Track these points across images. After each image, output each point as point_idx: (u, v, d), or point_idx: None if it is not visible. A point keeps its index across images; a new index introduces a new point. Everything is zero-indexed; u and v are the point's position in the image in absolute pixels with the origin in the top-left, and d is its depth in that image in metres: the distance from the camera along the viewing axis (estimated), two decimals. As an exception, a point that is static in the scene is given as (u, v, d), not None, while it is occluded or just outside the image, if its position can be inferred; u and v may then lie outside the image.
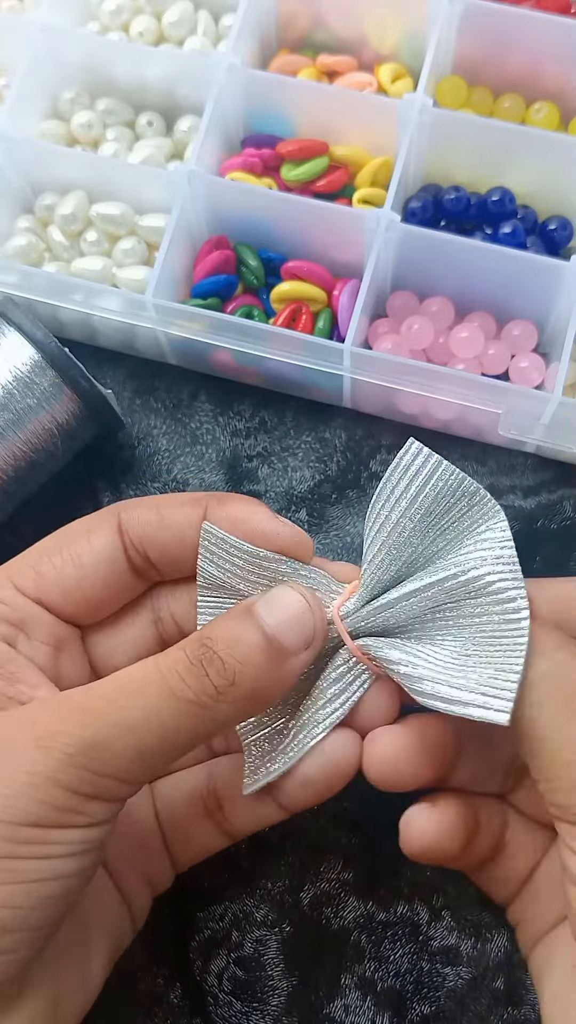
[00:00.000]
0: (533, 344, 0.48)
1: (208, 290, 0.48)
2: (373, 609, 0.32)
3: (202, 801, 0.35)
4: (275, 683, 0.30)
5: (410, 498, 0.32)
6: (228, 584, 0.33)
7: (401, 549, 0.32)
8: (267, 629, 0.29)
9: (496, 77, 0.51)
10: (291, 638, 0.30)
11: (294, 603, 0.30)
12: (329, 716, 0.33)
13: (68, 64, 0.51)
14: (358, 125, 0.49)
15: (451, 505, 0.32)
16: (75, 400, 0.43)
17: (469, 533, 0.32)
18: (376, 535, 0.32)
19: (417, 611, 0.32)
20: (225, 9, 0.53)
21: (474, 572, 0.31)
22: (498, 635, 0.30)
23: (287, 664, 0.30)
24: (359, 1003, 0.40)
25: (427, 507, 0.32)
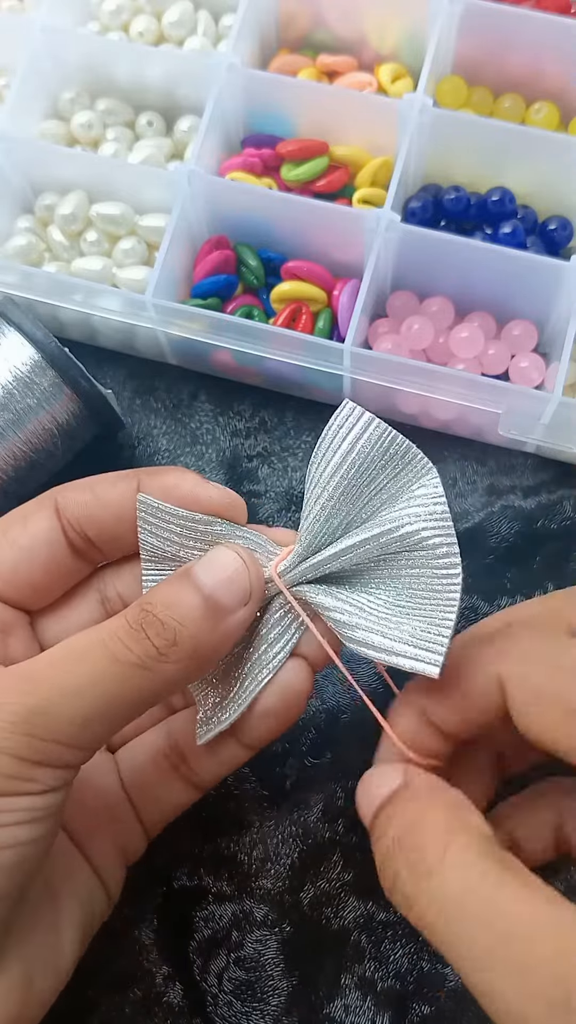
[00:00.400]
0: (533, 344, 0.48)
1: (208, 290, 0.48)
2: (310, 565, 0.33)
3: (165, 758, 0.35)
4: (216, 641, 0.30)
5: (343, 456, 0.32)
6: (168, 553, 0.33)
7: (337, 507, 0.32)
8: (204, 589, 0.30)
9: (496, 77, 0.51)
10: (228, 596, 0.30)
11: (230, 562, 0.31)
12: (271, 660, 0.33)
13: (68, 64, 0.51)
14: (358, 125, 0.49)
15: (384, 464, 0.32)
16: (75, 400, 0.43)
17: (403, 491, 0.33)
18: (312, 494, 0.33)
19: (352, 565, 0.32)
20: (225, 9, 0.53)
21: (408, 528, 0.31)
22: (432, 589, 0.31)
23: (226, 621, 0.30)
24: (359, 1003, 0.40)
25: (359, 465, 0.32)
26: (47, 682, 0.28)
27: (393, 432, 0.32)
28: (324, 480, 0.32)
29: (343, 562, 0.32)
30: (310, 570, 0.33)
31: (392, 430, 0.32)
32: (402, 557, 0.32)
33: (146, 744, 0.36)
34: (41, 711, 0.27)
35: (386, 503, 0.33)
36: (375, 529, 0.32)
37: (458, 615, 0.31)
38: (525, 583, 0.46)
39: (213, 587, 0.30)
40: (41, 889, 0.31)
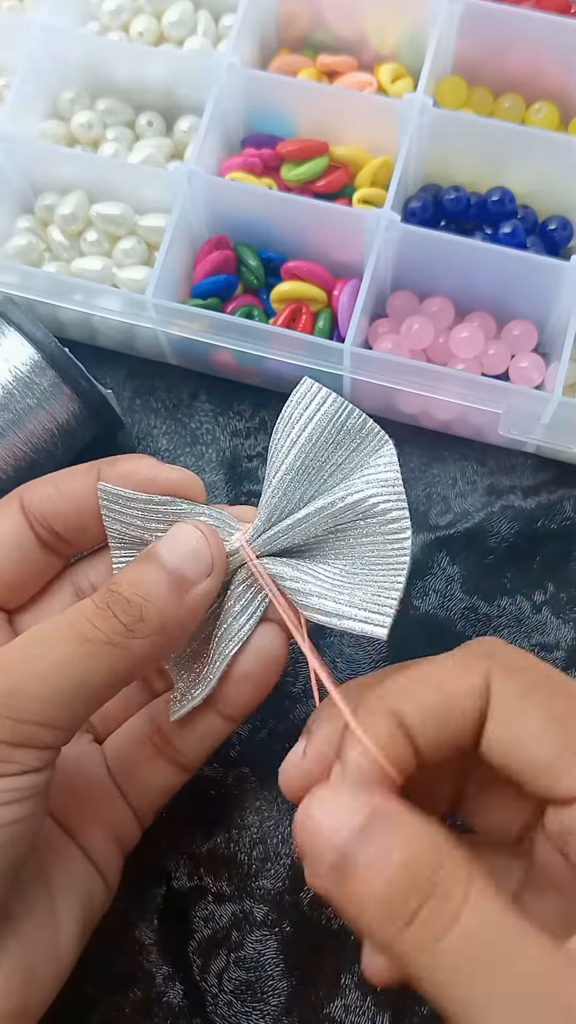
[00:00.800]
0: (533, 344, 0.48)
1: (208, 290, 0.48)
2: (269, 536, 0.33)
3: (149, 740, 0.36)
4: (183, 614, 0.31)
5: (300, 429, 0.33)
6: (135, 537, 0.34)
7: (296, 480, 0.33)
8: (168, 564, 0.31)
9: (496, 77, 0.51)
10: (192, 569, 0.31)
11: (191, 536, 0.32)
12: (238, 631, 0.34)
13: (68, 64, 0.51)
14: (358, 125, 0.49)
15: (342, 438, 0.33)
16: (75, 400, 0.43)
17: (361, 464, 0.34)
18: (272, 468, 0.33)
19: (310, 535, 0.33)
20: (225, 9, 0.53)
21: (360, 495, 0.32)
22: (383, 555, 0.32)
23: (191, 593, 0.31)
24: (359, 1003, 0.40)
25: (317, 439, 0.33)
26: (19, 666, 0.29)
27: (350, 407, 0.33)
28: (283, 454, 0.33)
29: (301, 532, 0.33)
30: (270, 541, 0.33)
31: (349, 404, 0.33)
32: (356, 526, 0.33)
33: (129, 729, 0.37)
34: (13, 693, 0.28)
35: (345, 476, 0.34)
36: (329, 498, 0.33)
37: (407, 578, 0.32)
38: (525, 583, 0.46)
39: (176, 562, 0.31)
40: (36, 877, 0.32)
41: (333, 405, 0.33)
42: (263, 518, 0.33)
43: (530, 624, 0.45)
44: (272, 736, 0.43)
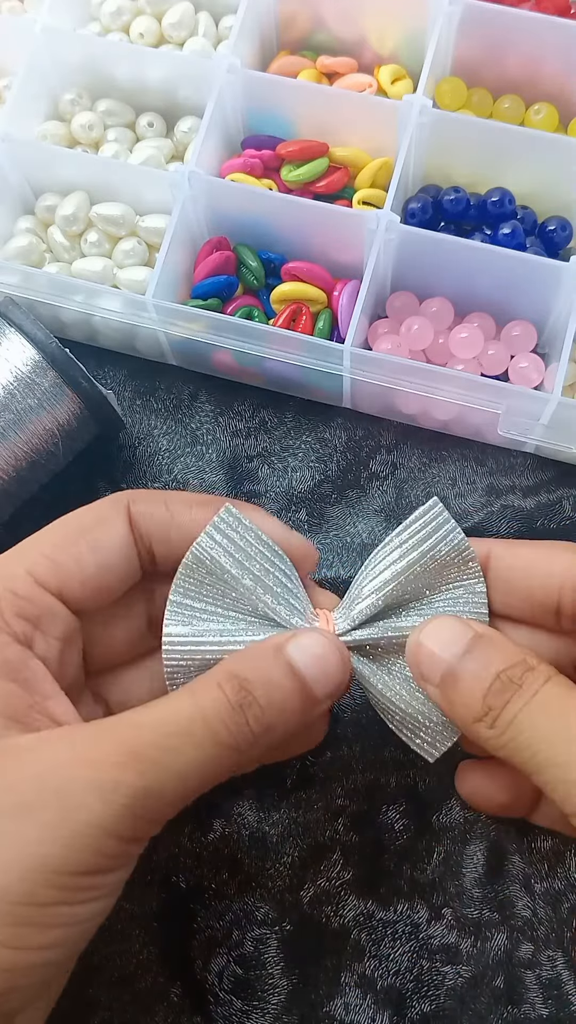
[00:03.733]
0: (532, 344, 0.48)
1: (208, 291, 0.48)
2: (357, 639, 0.34)
3: None
4: (302, 725, 0.30)
5: (422, 551, 0.34)
6: (225, 567, 0.33)
7: (397, 592, 0.34)
8: (301, 675, 0.30)
9: (495, 78, 0.51)
10: (321, 685, 0.31)
11: (330, 653, 0.31)
12: None
13: (69, 65, 0.51)
14: (358, 126, 0.49)
15: (449, 563, 0.35)
16: (76, 400, 0.43)
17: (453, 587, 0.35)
18: (380, 572, 0.34)
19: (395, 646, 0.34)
20: (225, 10, 0.53)
21: None
22: None
23: (316, 710, 0.31)
24: (359, 1001, 0.40)
25: (434, 561, 0.34)
26: (159, 764, 0.28)
27: (467, 540, 0.35)
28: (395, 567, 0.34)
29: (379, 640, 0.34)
30: (355, 642, 0.34)
31: (466, 538, 0.35)
32: None
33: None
34: (151, 794, 0.27)
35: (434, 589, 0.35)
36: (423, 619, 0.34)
37: None
38: (524, 583, 0.46)
39: (308, 673, 0.30)
40: None
41: (456, 536, 0.34)
42: (352, 615, 0.34)
43: (529, 624, 0.45)
44: (272, 735, 0.43)
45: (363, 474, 0.48)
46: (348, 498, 0.48)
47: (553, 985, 0.40)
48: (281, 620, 0.33)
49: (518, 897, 0.41)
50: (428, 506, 0.34)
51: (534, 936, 0.40)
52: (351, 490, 0.48)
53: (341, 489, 0.48)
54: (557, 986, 0.40)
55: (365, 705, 0.43)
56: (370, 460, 0.48)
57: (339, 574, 0.46)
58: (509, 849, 0.41)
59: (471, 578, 0.35)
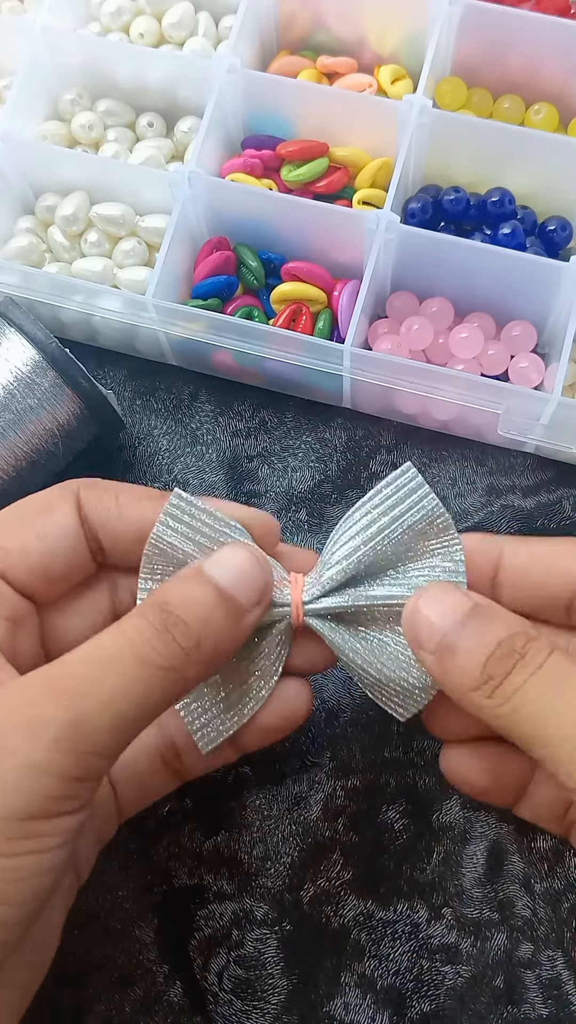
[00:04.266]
0: (532, 344, 0.48)
1: (208, 291, 0.48)
2: (327, 607, 0.34)
3: (160, 754, 0.35)
4: (234, 638, 0.30)
5: (393, 516, 0.33)
6: (185, 551, 0.33)
7: (368, 558, 0.34)
8: (221, 587, 0.30)
9: (496, 78, 0.51)
10: (245, 594, 0.31)
11: (245, 560, 0.31)
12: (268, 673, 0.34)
13: (69, 65, 0.51)
14: (358, 126, 0.49)
15: (423, 531, 0.34)
16: (76, 400, 0.43)
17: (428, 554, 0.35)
18: (350, 538, 0.34)
19: (362, 612, 0.34)
20: (225, 10, 0.53)
21: None
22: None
23: (244, 620, 0.31)
24: (359, 1001, 0.40)
25: (405, 528, 0.34)
26: (84, 693, 0.27)
27: (442, 507, 0.34)
28: (367, 532, 0.33)
29: (355, 608, 0.34)
30: (326, 610, 0.34)
31: (441, 505, 0.34)
32: None
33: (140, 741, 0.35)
34: (79, 724, 0.27)
35: (409, 559, 0.34)
36: (396, 589, 0.34)
37: None
38: (524, 583, 0.46)
39: (229, 585, 0.30)
40: None
41: (430, 502, 0.34)
42: (324, 583, 0.34)
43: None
44: (272, 735, 0.43)
45: (363, 474, 0.48)
46: (348, 498, 0.48)
47: (553, 985, 0.40)
48: None
49: (518, 897, 0.41)
50: (400, 471, 0.34)
51: (534, 936, 0.40)
52: (351, 490, 0.48)
53: (341, 489, 0.48)
54: (557, 986, 0.40)
55: (365, 705, 0.43)
56: (370, 460, 0.48)
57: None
58: (509, 849, 0.41)
59: (449, 546, 0.34)
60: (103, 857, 0.41)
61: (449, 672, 0.30)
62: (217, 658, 0.30)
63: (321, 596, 0.34)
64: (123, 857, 0.42)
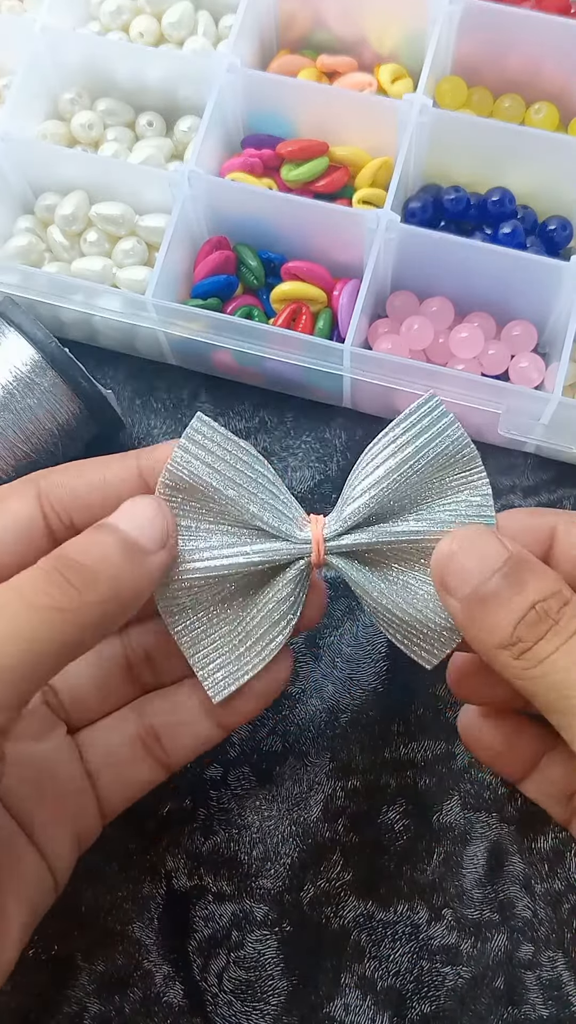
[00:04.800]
0: (533, 344, 0.48)
1: (208, 290, 0.48)
2: (351, 543, 0.32)
3: (140, 741, 0.35)
4: (136, 580, 0.30)
5: (417, 447, 0.32)
6: (204, 481, 0.32)
7: (392, 492, 0.32)
8: (121, 531, 0.30)
9: (496, 77, 0.51)
10: (146, 538, 0.30)
11: (146, 506, 0.31)
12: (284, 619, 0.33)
13: (68, 64, 0.51)
14: (358, 126, 0.49)
15: (448, 463, 0.33)
16: (75, 400, 0.43)
17: (453, 490, 0.33)
18: (374, 469, 0.32)
19: (386, 550, 0.33)
20: (225, 10, 0.53)
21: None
22: None
23: (146, 562, 0.30)
24: (359, 1002, 0.40)
25: (429, 460, 0.32)
26: None
27: (468, 438, 0.33)
28: (390, 465, 0.32)
29: (379, 546, 0.32)
30: (349, 547, 0.32)
31: (467, 435, 0.33)
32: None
33: (118, 727, 0.35)
34: None
35: (434, 495, 0.33)
36: (423, 525, 0.32)
37: None
38: (525, 583, 0.46)
39: (130, 528, 0.30)
40: None
41: (455, 431, 0.33)
42: (343, 517, 0.32)
43: (530, 624, 0.45)
44: (272, 736, 0.43)
45: (363, 474, 0.48)
46: (348, 498, 0.48)
47: (553, 986, 0.40)
48: (269, 528, 0.32)
49: (518, 898, 0.41)
50: (423, 400, 0.32)
51: (534, 937, 0.40)
52: (351, 490, 0.48)
53: (341, 489, 0.48)
54: (557, 987, 0.39)
55: (365, 705, 0.43)
56: (370, 460, 0.48)
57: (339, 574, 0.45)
58: (509, 850, 0.41)
59: (475, 479, 0.33)
60: (103, 857, 0.41)
61: (477, 624, 0.29)
62: (122, 600, 0.29)
63: (343, 533, 0.32)
64: (123, 857, 0.41)
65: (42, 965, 0.40)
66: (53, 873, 0.33)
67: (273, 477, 0.33)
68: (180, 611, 0.33)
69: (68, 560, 0.29)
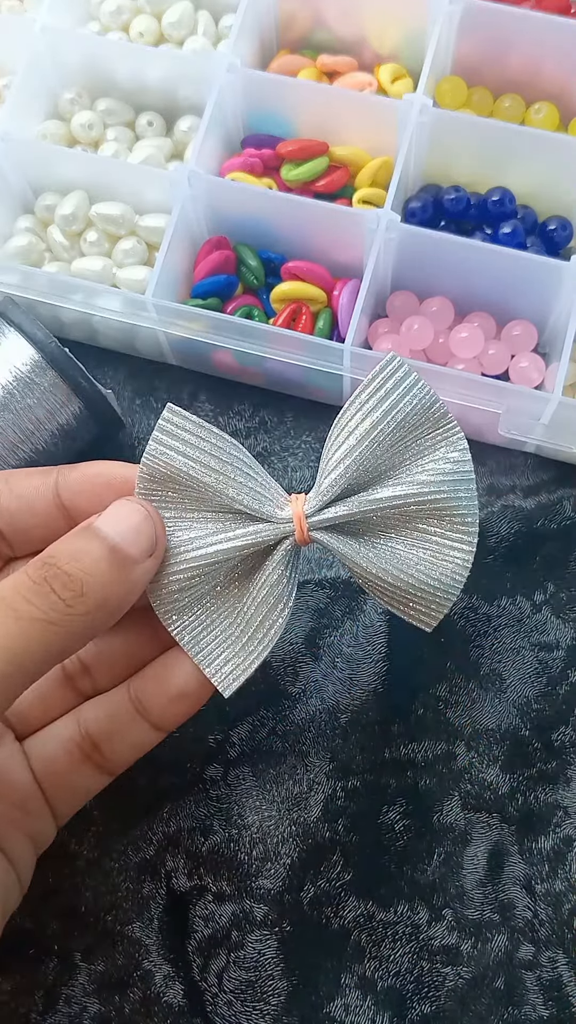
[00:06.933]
0: (533, 344, 0.48)
1: (208, 290, 0.48)
2: (333, 516, 0.32)
3: (78, 747, 0.34)
4: (124, 591, 0.30)
5: (384, 410, 0.32)
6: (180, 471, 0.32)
7: (367, 459, 0.32)
8: (109, 540, 0.30)
9: (496, 77, 0.51)
10: (134, 546, 0.30)
11: (133, 513, 0.31)
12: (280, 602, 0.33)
13: (68, 64, 0.51)
14: (358, 125, 0.49)
15: (419, 423, 0.33)
16: (75, 400, 0.43)
17: (432, 450, 0.33)
18: (345, 438, 0.32)
19: (371, 518, 0.33)
20: (225, 9, 0.53)
21: (434, 494, 0.32)
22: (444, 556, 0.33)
23: (133, 571, 0.30)
24: (359, 1003, 0.40)
25: (399, 421, 0.32)
26: None
27: (435, 395, 0.33)
28: (360, 431, 0.32)
29: (362, 515, 0.32)
30: (331, 520, 0.32)
31: (434, 392, 0.33)
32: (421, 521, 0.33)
33: (57, 734, 0.35)
34: None
35: (412, 459, 0.33)
36: (402, 489, 0.32)
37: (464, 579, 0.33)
38: (525, 583, 0.46)
39: (118, 536, 0.30)
40: None
41: (421, 390, 0.32)
42: (322, 490, 0.32)
43: (530, 624, 0.45)
44: (272, 736, 0.43)
45: (363, 474, 0.48)
46: (348, 498, 0.48)
47: (554, 987, 0.40)
48: (250, 511, 0.32)
49: (519, 898, 0.41)
50: (385, 362, 0.32)
51: (535, 937, 0.40)
52: (351, 490, 0.48)
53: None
54: (558, 987, 0.39)
55: (365, 706, 0.43)
56: (370, 460, 0.48)
57: (339, 574, 0.46)
58: (510, 850, 0.41)
59: (451, 435, 0.33)
60: (103, 858, 0.41)
61: None
62: (108, 610, 0.29)
63: (324, 507, 0.32)
64: (123, 858, 0.41)
65: (42, 965, 0.40)
66: (18, 874, 0.33)
67: (250, 460, 0.33)
68: (178, 611, 0.33)
69: (56, 571, 0.29)
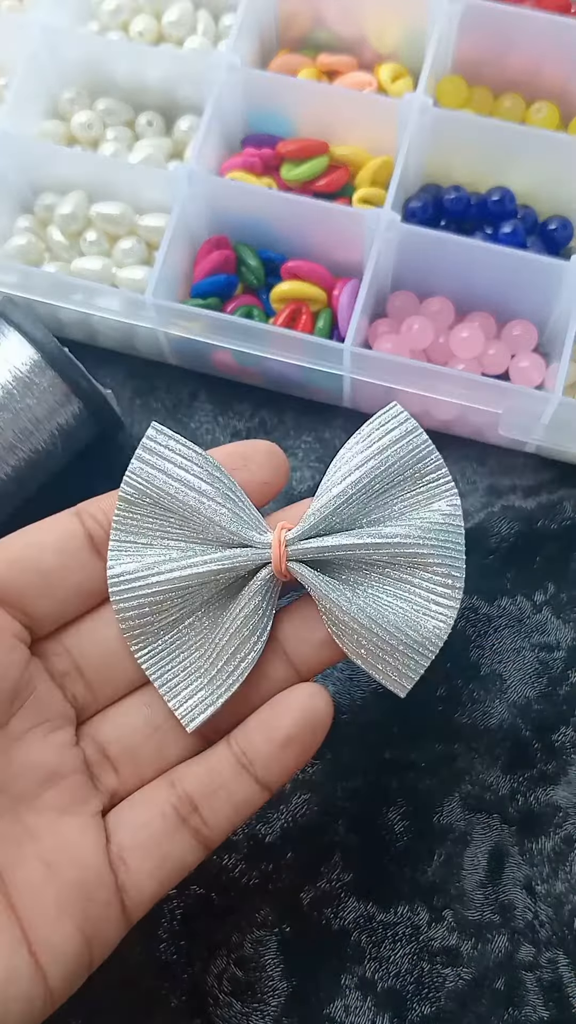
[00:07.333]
0: (533, 344, 0.48)
1: (208, 290, 0.48)
2: (316, 548, 0.32)
3: (174, 809, 0.31)
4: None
5: (383, 458, 0.33)
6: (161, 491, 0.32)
7: (356, 500, 0.33)
8: None
9: (496, 77, 0.51)
10: None
11: None
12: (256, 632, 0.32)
13: (68, 64, 0.51)
14: (358, 125, 0.49)
15: (413, 473, 0.33)
16: (75, 400, 0.43)
17: (424, 502, 0.34)
18: (340, 481, 0.33)
19: (353, 559, 0.33)
20: (225, 8, 0.53)
21: (419, 547, 0.32)
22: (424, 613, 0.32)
23: None
24: (359, 1003, 0.39)
25: (396, 469, 0.33)
26: None
27: (432, 447, 0.33)
28: (357, 473, 0.32)
29: (345, 554, 0.32)
30: (314, 552, 0.32)
31: (431, 444, 0.33)
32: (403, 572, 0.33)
33: (148, 798, 0.32)
34: None
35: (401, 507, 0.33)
36: (389, 530, 0.32)
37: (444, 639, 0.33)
38: (525, 583, 0.46)
39: None
40: None
41: (417, 439, 0.33)
42: (310, 525, 0.32)
43: (530, 624, 0.45)
44: (272, 736, 0.43)
45: (363, 474, 0.48)
46: (348, 498, 0.48)
47: (554, 988, 0.39)
48: (228, 533, 0.32)
49: (519, 899, 0.41)
50: (385, 410, 0.33)
51: (535, 938, 0.40)
52: (351, 490, 0.48)
53: (341, 489, 0.48)
54: (558, 988, 0.39)
55: (365, 706, 0.43)
56: (370, 460, 0.48)
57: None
58: (510, 851, 0.41)
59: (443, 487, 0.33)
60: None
61: None
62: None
63: (307, 539, 0.32)
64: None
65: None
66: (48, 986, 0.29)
67: (231, 483, 0.33)
68: (148, 636, 0.33)
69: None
